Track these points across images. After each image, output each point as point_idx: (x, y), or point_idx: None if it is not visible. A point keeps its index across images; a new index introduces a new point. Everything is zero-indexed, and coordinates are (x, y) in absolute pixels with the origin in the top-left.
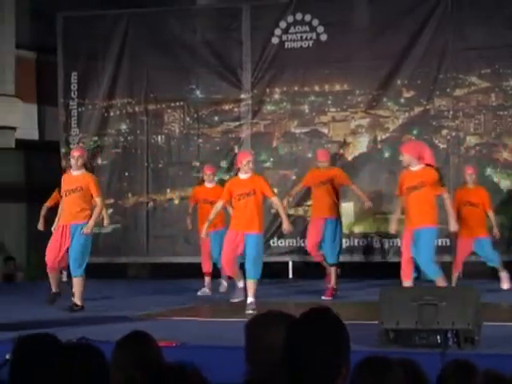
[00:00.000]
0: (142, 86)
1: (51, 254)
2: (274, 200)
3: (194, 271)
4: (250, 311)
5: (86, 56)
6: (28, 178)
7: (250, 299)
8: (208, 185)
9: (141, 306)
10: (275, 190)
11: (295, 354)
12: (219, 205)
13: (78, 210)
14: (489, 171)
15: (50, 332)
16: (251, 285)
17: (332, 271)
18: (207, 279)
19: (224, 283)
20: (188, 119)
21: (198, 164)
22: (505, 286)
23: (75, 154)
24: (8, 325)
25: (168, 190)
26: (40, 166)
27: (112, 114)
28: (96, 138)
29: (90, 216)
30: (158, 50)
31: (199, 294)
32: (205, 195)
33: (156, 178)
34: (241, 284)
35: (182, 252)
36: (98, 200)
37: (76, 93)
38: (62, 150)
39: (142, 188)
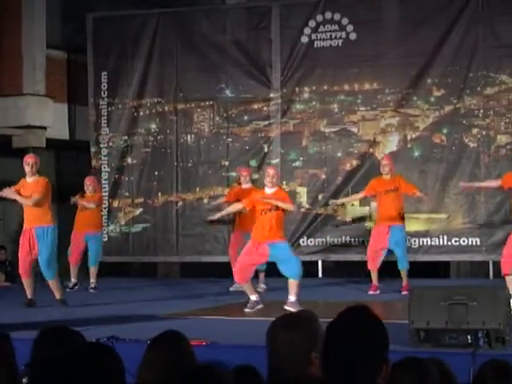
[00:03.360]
0: (171, 86)
1: (23, 259)
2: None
3: (223, 270)
4: None
5: (116, 56)
6: (58, 177)
7: None
8: (244, 186)
9: (170, 305)
10: (305, 190)
11: (334, 354)
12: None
13: (40, 213)
14: None
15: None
16: None
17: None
18: None
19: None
20: (217, 118)
21: (227, 163)
22: None
23: (29, 160)
24: (37, 324)
25: (197, 189)
26: (70, 166)
27: (142, 113)
28: (126, 138)
29: (53, 219)
30: (187, 50)
31: (231, 289)
32: (239, 196)
33: (185, 177)
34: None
35: (211, 251)
36: (34, 195)
37: (106, 92)
38: (92, 150)
39: (171, 187)
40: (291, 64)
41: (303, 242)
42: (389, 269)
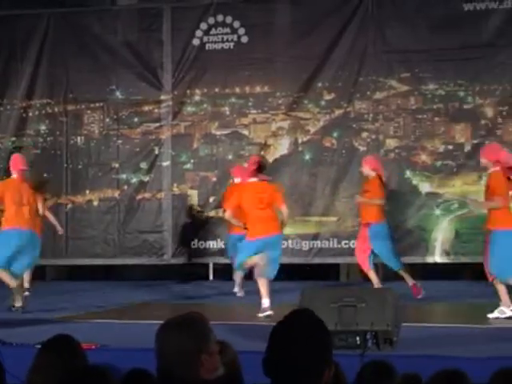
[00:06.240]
0: (61, 87)
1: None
2: None
3: (113, 273)
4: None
5: (5, 56)
6: None
7: None
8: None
9: (60, 309)
10: (196, 192)
11: (278, 357)
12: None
13: None
14: (408, 174)
15: None
16: None
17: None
18: None
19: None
20: (108, 120)
21: (117, 165)
22: None
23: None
24: None
25: (87, 192)
26: None
27: (31, 114)
28: (14, 139)
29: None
30: (78, 51)
31: None
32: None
33: (75, 179)
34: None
35: (101, 254)
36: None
37: None
38: None
39: (60, 189)
40: (182, 66)
41: (194, 244)
42: None
